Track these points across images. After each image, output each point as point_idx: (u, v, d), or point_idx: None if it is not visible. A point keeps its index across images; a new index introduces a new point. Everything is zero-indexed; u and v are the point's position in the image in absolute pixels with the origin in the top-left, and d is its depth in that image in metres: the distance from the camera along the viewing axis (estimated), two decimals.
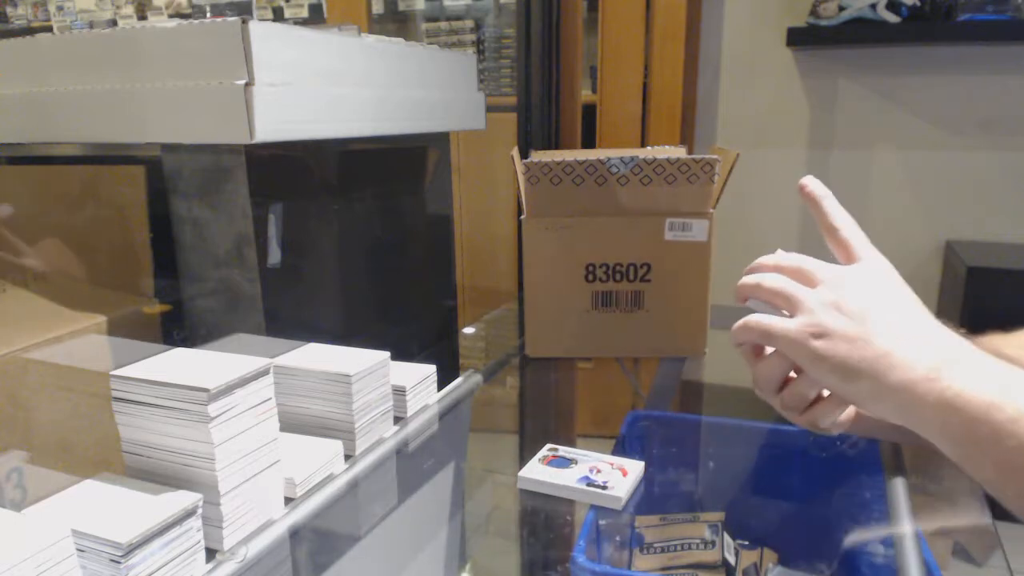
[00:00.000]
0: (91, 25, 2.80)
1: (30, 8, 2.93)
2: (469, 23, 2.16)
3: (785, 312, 0.52)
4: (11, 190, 0.82)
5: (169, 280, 0.73)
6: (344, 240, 0.85)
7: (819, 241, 0.59)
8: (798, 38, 1.72)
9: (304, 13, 2.43)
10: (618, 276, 0.89)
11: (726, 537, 0.66)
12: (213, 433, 0.49)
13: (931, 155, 1.75)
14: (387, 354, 0.67)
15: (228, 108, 0.60)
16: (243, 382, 0.51)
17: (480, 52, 2.16)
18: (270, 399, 0.54)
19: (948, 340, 0.48)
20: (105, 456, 0.60)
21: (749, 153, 1.87)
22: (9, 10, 2.96)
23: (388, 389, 0.69)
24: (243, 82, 0.59)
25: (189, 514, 0.47)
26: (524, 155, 0.91)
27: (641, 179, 0.86)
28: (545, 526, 0.62)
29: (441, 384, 0.79)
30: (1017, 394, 0.44)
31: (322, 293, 0.82)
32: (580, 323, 0.91)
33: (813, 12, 1.69)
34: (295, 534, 0.55)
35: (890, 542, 0.55)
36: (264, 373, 0.53)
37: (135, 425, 0.51)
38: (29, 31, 2.94)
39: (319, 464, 0.60)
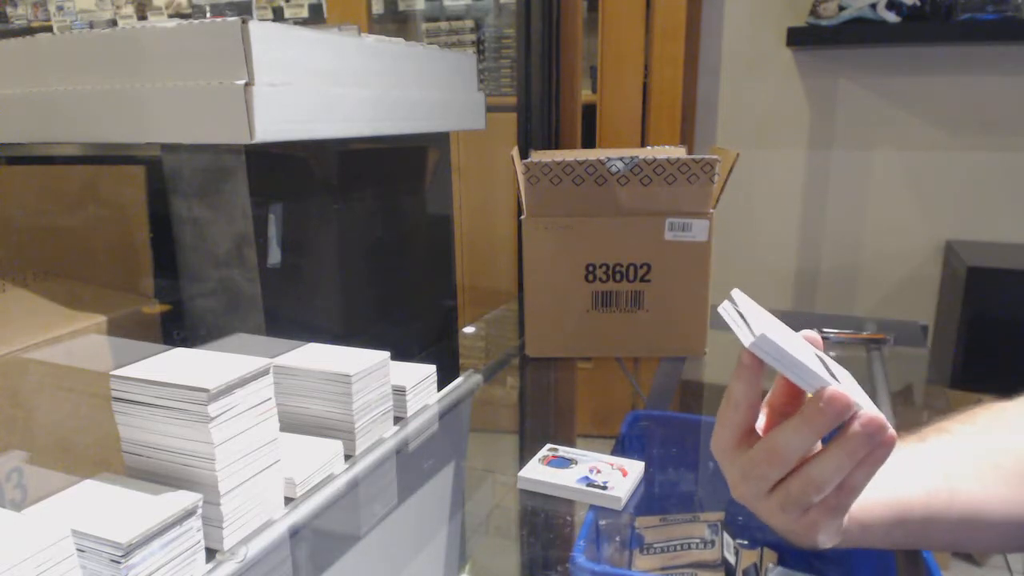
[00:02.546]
0: (91, 25, 2.80)
1: (30, 8, 2.93)
2: (469, 23, 2.16)
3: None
4: (11, 190, 0.82)
5: (169, 280, 0.73)
6: (344, 240, 0.85)
7: (818, 243, 0.57)
8: (798, 38, 1.72)
9: (304, 13, 2.43)
10: (618, 276, 0.89)
11: (726, 537, 0.66)
12: (213, 433, 0.49)
13: (931, 155, 1.75)
14: (387, 354, 0.67)
15: (228, 108, 0.60)
16: (243, 382, 0.51)
17: (480, 52, 2.16)
18: (270, 399, 0.54)
19: None
20: (105, 456, 0.60)
21: (749, 153, 1.87)
22: (9, 10, 2.96)
23: (388, 389, 0.69)
24: (243, 82, 0.59)
25: (189, 514, 0.47)
26: (524, 155, 0.91)
27: (641, 179, 0.86)
28: (545, 526, 0.62)
29: (441, 384, 0.79)
30: None
31: (322, 293, 0.82)
32: (580, 323, 0.91)
33: (813, 12, 1.69)
34: (295, 534, 0.55)
35: None
36: (264, 373, 0.53)
37: (135, 425, 0.51)
38: (29, 31, 2.94)
39: (319, 464, 0.60)
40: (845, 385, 0.38)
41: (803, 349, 0.40)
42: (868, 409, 0.38)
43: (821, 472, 0.38)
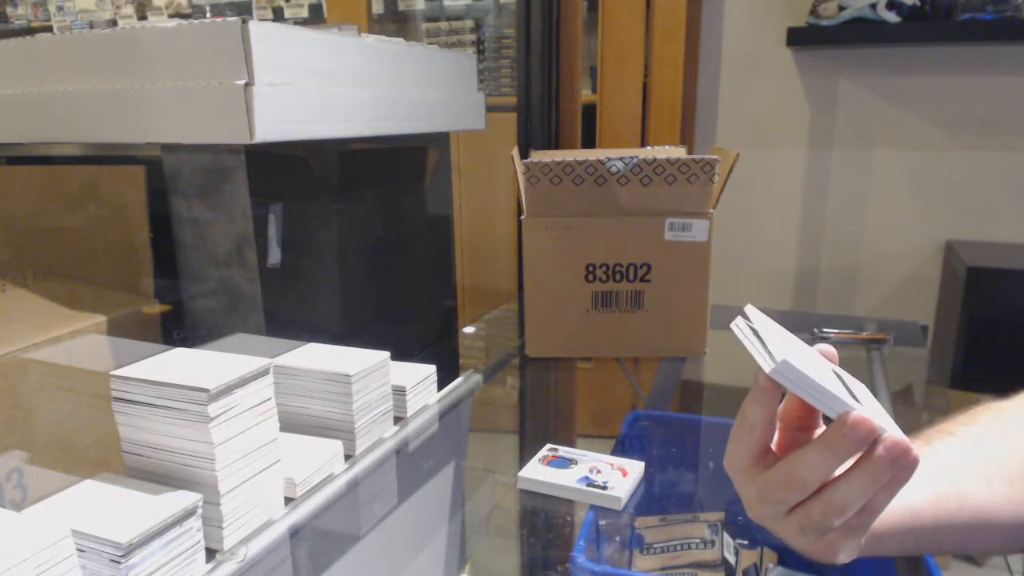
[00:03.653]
0: (91, 25, 2.80)
1: (30, 8, 2.93)
2: (469, 23, 2.16)
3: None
4: (11, 190, 0.82)
5: (169, 280, 0.73)
6: (344, 240, 0.85)
7: (818, 243, 0.56)
8: (798, 38, 1.72)
9: (304, 13, 2.43)
10: (618, 276, 0.89)
11: (726, 537, 0.66)
12: (213, 433, 0.49)
13: (931, 155, 1.75)
14: (387, 354, 0.67)
15: (228, 108, 0.60)
16: (243, 382, 0.51)
17: (480, 52, 2.15)
18: (270, 399, 0.54)
19: None
20: (105, 456, 0.60)
21: (749, 153, 1.88)
22: (9, 10, 2.96)
23: (388, 389, 0.69)
24: (243, 82, 0.59)
25: (189, 514, 0.47)
26: (524, 155, 0.91)
27: (641, 179, 0.86)
28: (545, 526, 0.62)
29: (441, 384, 0.79)
30: None
31: (322, 293, 0.82)
32: (580, 323, 0.91)
33: (813, 12, 1.69)
34: (295, 534, 0.55)
35: None
36: (264, 373, 0.53)
37: (135, 425, 0.51)
38: (29, 31, 2.94)
39: (319, 464, 0.60)
40: (867, 407, 0.38)
41: (822, 368, 0.39)
42: (891, 431, 0.37)
43: (843, 497, 0.38)
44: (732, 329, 0.42)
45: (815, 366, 0.39)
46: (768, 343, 0.39)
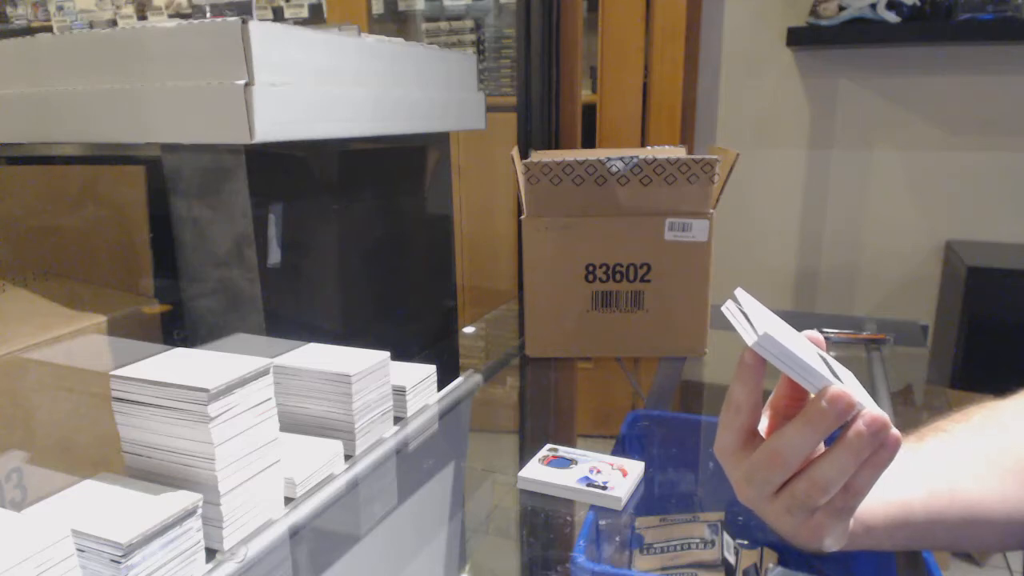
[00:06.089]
0: (91, 25, 2.80)
1: (30, 8, 2.93)
2: (469, 23, 2.16)
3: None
4: (11, 190, 0.82)
5: (169, 280, 0.73)
6: (344, 240, 0.85)
7: (818, 243, 0.57)
8: (798, 38, 1.72)
9: (304, 13, 2.43)
10: (618, 276, 0.89)
11: (726, 537, 0.66)
12: (213, 433, 0.49)
13: (931, 155, 1.75)
14: (387, 354, 0.67)
15: (228, 108, 0.60)
16: (243, 382, 0.51)
17: (480, 52, 2.15)
18: (270, 399, 0.54)
19: None
20: (105, 456, 0.60)
21: (749, 153, 1.87)
22: (9, 10, 2.96)
23: (388, 389, 0.69)
24: (243, 82, 0.59)
25: (189, 514, 0.47)
26: (524, 155, 0.91)
27: (641, 179, 0.86)
28: (545, 526, 0.62)
29: (441, 384, 0.79)
30: None
31: (322, 293, 0.82)
32: (580, 323, 0.91)
33: (813, 12, 1.69)
34: (295, 534, 0.55)
35: None
36: (264, 373, 0.53)
37: (135, 425, 0.51)
38: (29, 31, 2.94)
39: (319, 464, 0.60)
40: (848, 385, 0.38)
41: (806, 349, 0.40)
42: (871, 409, 0.37)
43: (825, 473, 0.38)
44: (723, 311, 0.43)
45: (799, 345, 0.39)
46: (753, 320, 0.40)
